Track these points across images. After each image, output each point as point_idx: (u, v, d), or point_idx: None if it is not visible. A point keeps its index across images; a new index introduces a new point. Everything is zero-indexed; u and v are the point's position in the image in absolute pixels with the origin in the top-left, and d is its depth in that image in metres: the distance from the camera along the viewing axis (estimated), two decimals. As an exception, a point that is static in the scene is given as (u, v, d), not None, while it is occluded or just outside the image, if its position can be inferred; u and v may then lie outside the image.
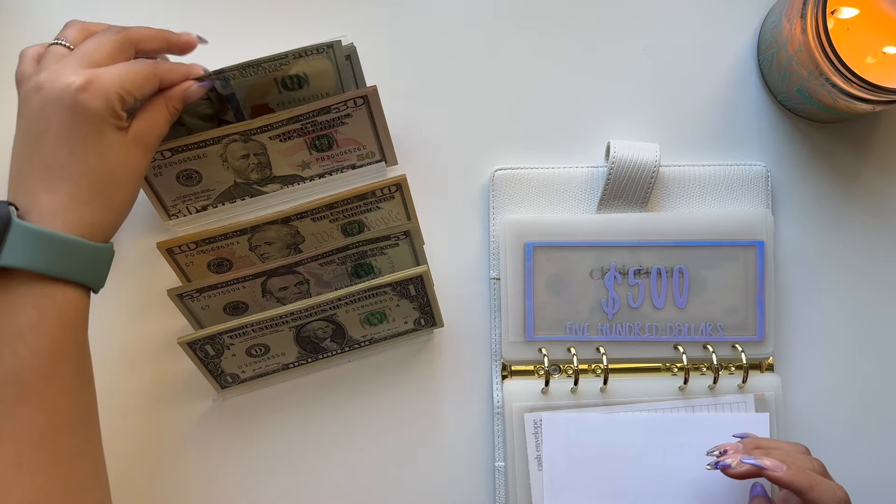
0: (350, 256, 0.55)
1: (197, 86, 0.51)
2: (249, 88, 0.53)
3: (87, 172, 0.45)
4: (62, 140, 0.45)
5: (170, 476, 0.59)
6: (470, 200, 0.60)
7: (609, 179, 0.58)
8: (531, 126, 0.61)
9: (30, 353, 0.43)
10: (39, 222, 0.44)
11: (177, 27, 0.62)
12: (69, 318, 0.45)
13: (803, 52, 0.53)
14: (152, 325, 0.59)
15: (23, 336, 0.43)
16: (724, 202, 0.59)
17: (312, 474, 0.59)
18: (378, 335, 0.58)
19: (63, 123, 0.45)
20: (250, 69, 0.53)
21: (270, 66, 0.53)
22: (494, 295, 0.59)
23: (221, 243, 0.55)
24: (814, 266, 0.60)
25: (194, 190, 0.57)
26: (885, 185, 0.60)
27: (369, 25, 0.61)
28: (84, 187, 0.45)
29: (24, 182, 0.45)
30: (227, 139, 0.54)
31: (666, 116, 0.61)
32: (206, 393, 0.59)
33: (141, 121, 0.48)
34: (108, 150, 0.46)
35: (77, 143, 0.45)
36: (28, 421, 0.43)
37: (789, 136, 0.60)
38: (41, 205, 0.45)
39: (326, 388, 0.60)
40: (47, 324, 0.44)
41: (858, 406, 0.59)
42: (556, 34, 0.61)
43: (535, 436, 0.56)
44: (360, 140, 0.57)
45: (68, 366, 0.45)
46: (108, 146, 0.46)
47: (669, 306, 0.57)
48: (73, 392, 0.45)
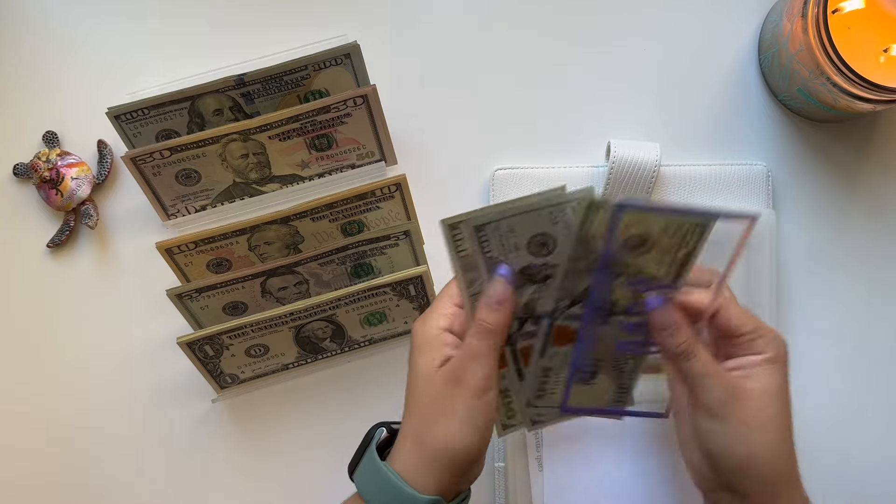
0: (350, 256, 0.55)
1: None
2: (273, 109, 0.55)
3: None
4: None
5: (169, 476, 0.59)
6: (470, 200, 0.60)
7: (610, 179, 0.57)
8: (531, 126, 0.61)
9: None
10: (391, 455, 0.45)
11: (177, 27, 0.62)
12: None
13: (804, 52, 0.53)
14: (152, 325, 0.59)
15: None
16: (724, 202, 0.59)
17: (312, 474, 0.59)
18: (378, 335, 0.58)
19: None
20: (272, 83, 0.54)
21: (291, 81, 0.54)
22: (494, 295, 0.59)
23: (220, 243, 0.54)
24: (814, 265, 0.60)
25: (193, 190, 0.57)
26: (885, 185, 0.60)
27: (369, 25, 0.61)
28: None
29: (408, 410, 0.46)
30: (226, 139, 0.54)
31: (666, 116, 0.60)
32: (206, 393, 0.59)
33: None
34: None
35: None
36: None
37: (790, 136, 0.60)
38: (403, 442, 0.45)
39: (326, 389, 0.59)
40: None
41: (858, 405, 0.59)
42: (557, 34, 0.61)
43: (536, 436, 0.56)
44: (360, 139, 0.57)
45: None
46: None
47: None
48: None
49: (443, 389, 0.44)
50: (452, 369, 0.44)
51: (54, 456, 0.60)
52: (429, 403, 0.44)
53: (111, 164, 0.60)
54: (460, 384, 0.44)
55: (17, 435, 0.60)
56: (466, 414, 0.43)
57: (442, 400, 0.44)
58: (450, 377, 0.44)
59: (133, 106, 0.54)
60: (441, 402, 0.44)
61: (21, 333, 0.60)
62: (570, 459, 0.56)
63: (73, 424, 0.60)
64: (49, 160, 0.60)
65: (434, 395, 0.44)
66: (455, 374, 0.44)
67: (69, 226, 0.60)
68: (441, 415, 0.44)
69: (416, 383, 0.45)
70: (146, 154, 0.54)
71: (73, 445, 0.60)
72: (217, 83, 0.54)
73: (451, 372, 0.44)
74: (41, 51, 0.62)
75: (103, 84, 0.61)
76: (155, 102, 0.54)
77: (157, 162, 0.54)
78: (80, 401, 0.60)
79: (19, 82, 0.62)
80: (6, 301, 0.61)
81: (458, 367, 0.44)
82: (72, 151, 0.61)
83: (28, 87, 0.62)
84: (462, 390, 0.43)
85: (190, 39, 0.62)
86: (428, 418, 0.44)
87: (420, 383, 0.45)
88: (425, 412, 0.44)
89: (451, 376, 0.44)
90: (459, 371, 0.44)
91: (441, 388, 0.44)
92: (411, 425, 0.45)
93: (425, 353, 0.45)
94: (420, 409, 0.45)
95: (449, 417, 0.44)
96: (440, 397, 0.44)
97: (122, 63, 0.62)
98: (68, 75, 0.62)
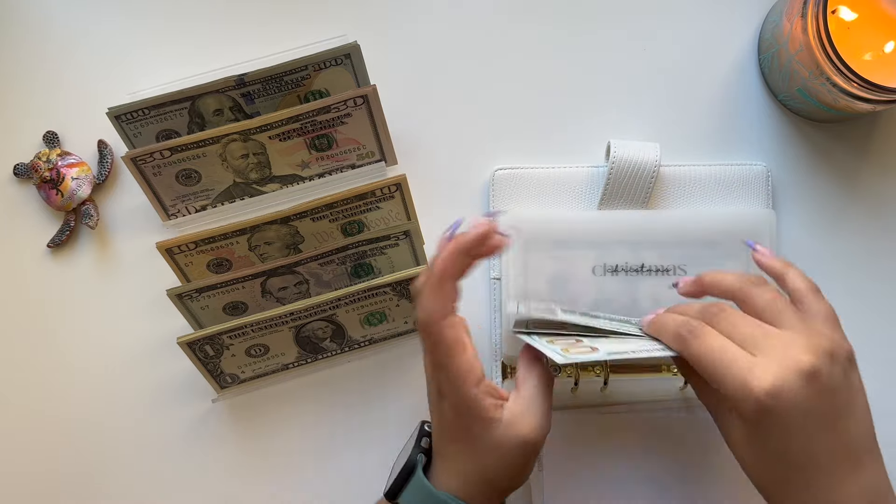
0: (350, 256, 0.55)
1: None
2: (274, 109, 0.55)
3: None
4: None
5: (170, 476, 0.59)
6: (470, 200, 0.60)
7: (609, 179, 0.57)
8: (531, 126, 0.61)
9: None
10: (435, 477, 0.47)
11: (177, 27, 0.62)
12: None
13: (804, 52, 0.53)
14: (152, 325, 0.59)
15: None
16: (724, 202, 0.59)
17: (312, 474, 0.59)
18: (378, 335, 0.58)
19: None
20: (273, 83, 0.54)
21: (292, 81, 0.54)
22: (494, 295, 0.59)
23: (221, 243, 0.55)
24: (814, 265, 0.59)
25: (193, 190, 0.57)
26: (885, 185, 0.60)
27: (369, 24, 0.61)
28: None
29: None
30: (226, 139, 0.54)
31: (666, 116, 0.60)
32: (206, 393, 0.59)
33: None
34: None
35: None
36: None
37: (790, 136, 0.60)
38: (439, 462, 0.47)
39: (326, 389, 0.59)
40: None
41: (859, 406, 0.59)
42: (557, 34, 0.61)
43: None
44: (360, 140, 0.57)
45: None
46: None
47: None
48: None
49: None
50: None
51: (54, 456, 0.60)
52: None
53: (111, 164, 0.60)
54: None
55: (16, 435, 0.60)
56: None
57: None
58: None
59: (133, 106, 0.54)
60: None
61: (21, 333, 0.60)
62: (570, 459, 0.56)
63: (73, 424, 0.60)
64: (49, 160, 0.60)
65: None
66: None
67: (69, 226, 0.60)
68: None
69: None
70: (146, 154, 0.54)
71: (72, 445, 0.60)
72: (217, 83, 0.54)
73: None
74: (41, 50, 0.62)
75: (103, 84, 0.61)
76: (155, 102, 0.54)
77: (158, 162, 0.54)
78: (80, 401, 0.60)
79: (19, 82, 0.62)
80: (6, 301, 0.61)
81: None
82: (72, 151, 0.61)
83: (28, 87, 0.62)
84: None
85: (190, 39, 0.62)
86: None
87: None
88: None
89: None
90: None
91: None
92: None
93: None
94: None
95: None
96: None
97: (123, 63, 0.62)
98: (68, 75, 0.62)
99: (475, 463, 0.45)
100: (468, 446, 0.45)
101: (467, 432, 0.45)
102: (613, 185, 0.58)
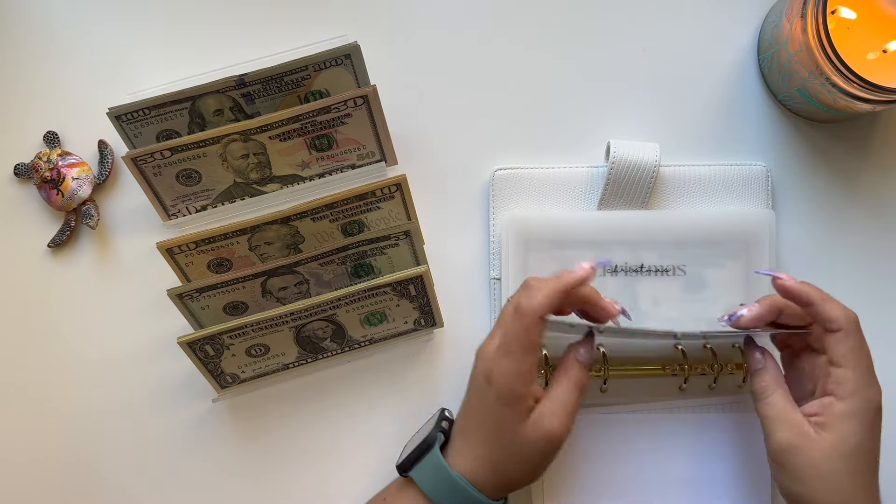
0: (350, 256, 0.55)
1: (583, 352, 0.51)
2: (274, 109, 0.55)
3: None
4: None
5: (170, 475, 0.59)
6: (470, 200, 0.60)
7: (609, 179, 0.58)
8: (531, 126, 0.61)
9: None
10: (451, 458, 0.49)
11: (177, 27, 0.62)
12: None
13: (803, 52, 0.53)
14: (152, 325, 0.59)
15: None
16: (724, 202, 0.59)
17: (312, 474, 0.59)
18: (378, 335, 0.58)
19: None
20: (273, 83, 0.54)
21: (292, 81, 0.54)
22: (494, 295, 0.59)
23: (221, 243, 0.55)
24: (814, 265, 0.60)
25: (194, 190, 0.57)
26: (885, 185, 0.60)
27: (369, 25, 0.61)
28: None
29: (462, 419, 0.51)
30: (226, 139, 0.54)
31: (666, 116, 0.61)
32: (206, 393, 0.59)
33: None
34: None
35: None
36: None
37: (789, 136, 0.60)
38: (458, 443, 0.50)
39: (326, 388, 0.59)
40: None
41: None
42: (556, 34, 0.61)
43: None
44: (360, 140, 0.57)
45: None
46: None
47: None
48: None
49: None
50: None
51: (54, 455, 0.60)
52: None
53: (112, 165, 0.60)
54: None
55: (17, 435, 0.60)
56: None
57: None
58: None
59: (134, 106, 0.54)
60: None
61: (22, 333, 0.60)
62: (570, 459, 0.56)
63: (73, 424, 0.60)
64: (50, 160, 0.60)
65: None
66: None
67: (70, 226, 0.60)
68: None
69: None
70: (147, 154, 0.54)
71: (72, 445, 0.60)
72: (218, 83, 0.54)
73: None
74: (42, 50, 0.62)
75: (104, 84, 0.61)
76: (156, 103, 0.54)
77: (158, 162, 0.54)
78: (80, 401, 0.60)
79: (20, 82, 0.62)
80: (7, 301, 0.61)
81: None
82: (72, 151, 0.61)
83: (29, 88, 0.62)
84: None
85: (190, 40, 0.62)
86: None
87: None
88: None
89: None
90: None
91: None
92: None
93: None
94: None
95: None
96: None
97: (123, 63, 0.62)
98: (69, 75, 0.62)
99: (496, 451, 0.48)
100: (494, 435, 0.48)
101: (499, 422, 0.48)
102: (613, 185, 0.58)
